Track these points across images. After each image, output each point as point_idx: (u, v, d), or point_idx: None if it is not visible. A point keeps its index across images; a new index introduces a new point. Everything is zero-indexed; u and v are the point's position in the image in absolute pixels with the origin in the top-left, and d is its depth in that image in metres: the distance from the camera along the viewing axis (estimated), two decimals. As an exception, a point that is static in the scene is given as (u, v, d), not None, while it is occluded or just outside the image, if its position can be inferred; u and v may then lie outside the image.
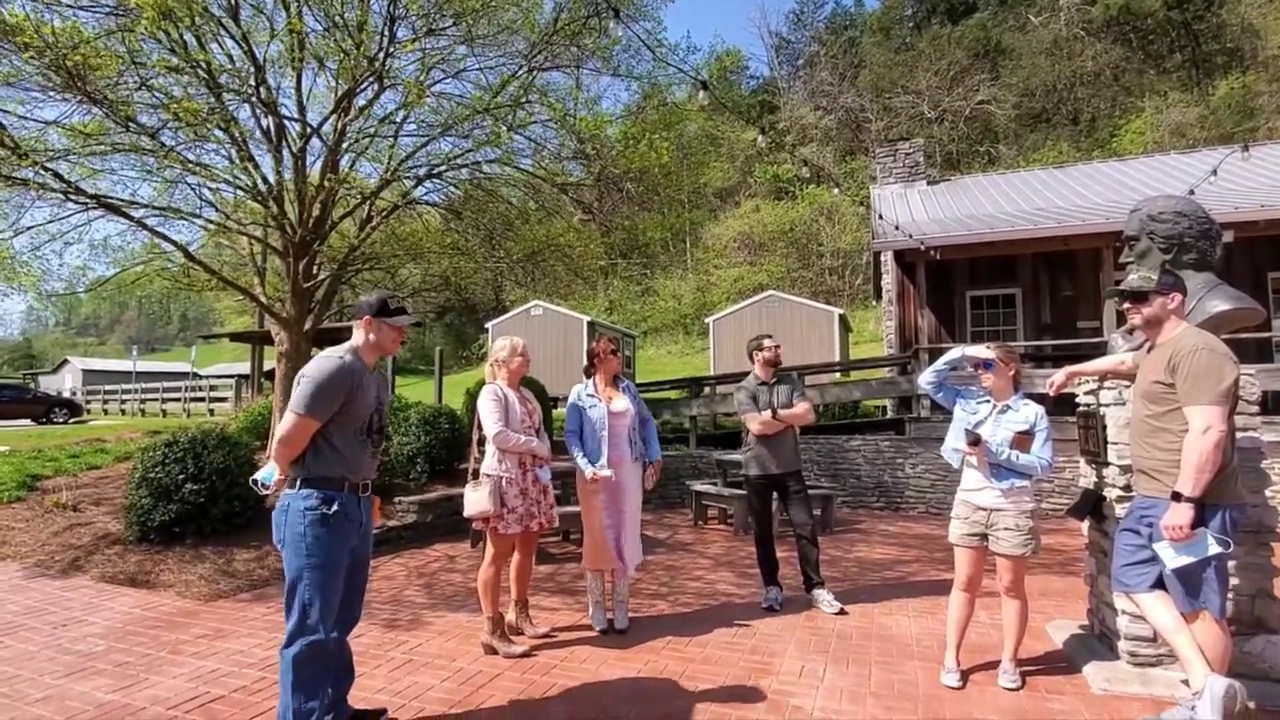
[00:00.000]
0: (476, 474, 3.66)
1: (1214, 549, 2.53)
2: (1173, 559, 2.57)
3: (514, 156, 9.17)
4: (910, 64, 42.70)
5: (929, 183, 14.41)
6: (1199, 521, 2.53)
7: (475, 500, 3.54)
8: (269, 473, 2.51)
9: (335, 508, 2.48)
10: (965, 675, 3.33)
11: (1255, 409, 3.22)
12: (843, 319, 21.03)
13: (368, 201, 9.33)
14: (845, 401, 11.75)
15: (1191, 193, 5.46)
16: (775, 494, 4.77)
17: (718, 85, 49.11)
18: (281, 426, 2.46)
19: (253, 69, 7.10)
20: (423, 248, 10.30)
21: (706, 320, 23.65)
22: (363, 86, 7.91)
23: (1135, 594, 2.79)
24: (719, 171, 44.53)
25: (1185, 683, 2.74)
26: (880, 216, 11.05)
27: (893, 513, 8.95)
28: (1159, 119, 33.87)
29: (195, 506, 5.67)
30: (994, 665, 3.40)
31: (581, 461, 3.96)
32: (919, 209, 12.45)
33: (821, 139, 43.39)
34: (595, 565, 4.08)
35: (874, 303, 24.25)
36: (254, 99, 7.28)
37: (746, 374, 4.93)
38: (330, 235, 9.98)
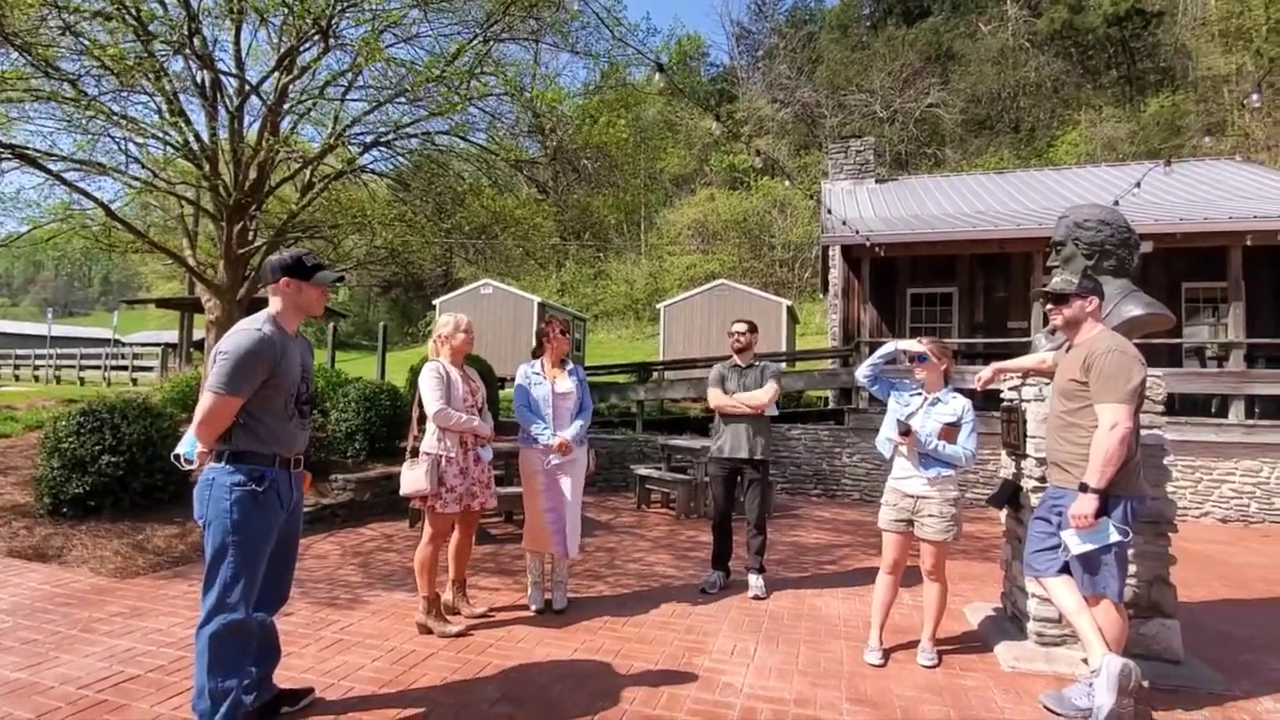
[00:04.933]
0: (416, 452, 3.59)
1: (1115, 537, 2.71)
2: (1077, 545, 2.75)
3: (467, 128, 8.95)
4: (865, 63, 43.47)
5: (877, 181, 14.77)
6: (1102, 511, 2.71)
7: (412, 479, 3.48)
8: (190, 447, 2.40)
9: (265, 485, 2.39)
10: (887, 654, 3.48)
11: (1160, 409, 3.45)
12: (790, 310, 21.46)
13: (309, 167, 8.96)
14: (789, 391, 12.01)
15: (1116, 203, 5.77)
16: (738, 479, 4.73)
17: (676, 70, 49.02)
18: (201, 406, 2.33)
19: (185, 17, 6.69)
20: (368, 218, 9.98)
21: (658, 306, 23.74)
22: (307, 45, 7.56)
23: (1044, 578, 2.97)
24: (676, 158, 44.55)
25: (1085, 661, 2.94)
26: (829, 211, 11.28)
27: (829, 500, 9.25)
28: (1093, 132, 35.52)
29: (113, 479, 5.39)
30: (914, 644, 3.57)
31: (538, 429, 3.95)
32: (867, 206, 12.76)
33: (777, 132, 43.84)
34: (534, 547, 4.08)
35: (821, 296, 24.81)
36: (186, 49, 6.86)
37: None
38: (268, 200, 9.56)
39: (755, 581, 4.59)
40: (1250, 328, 9.18)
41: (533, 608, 4.04)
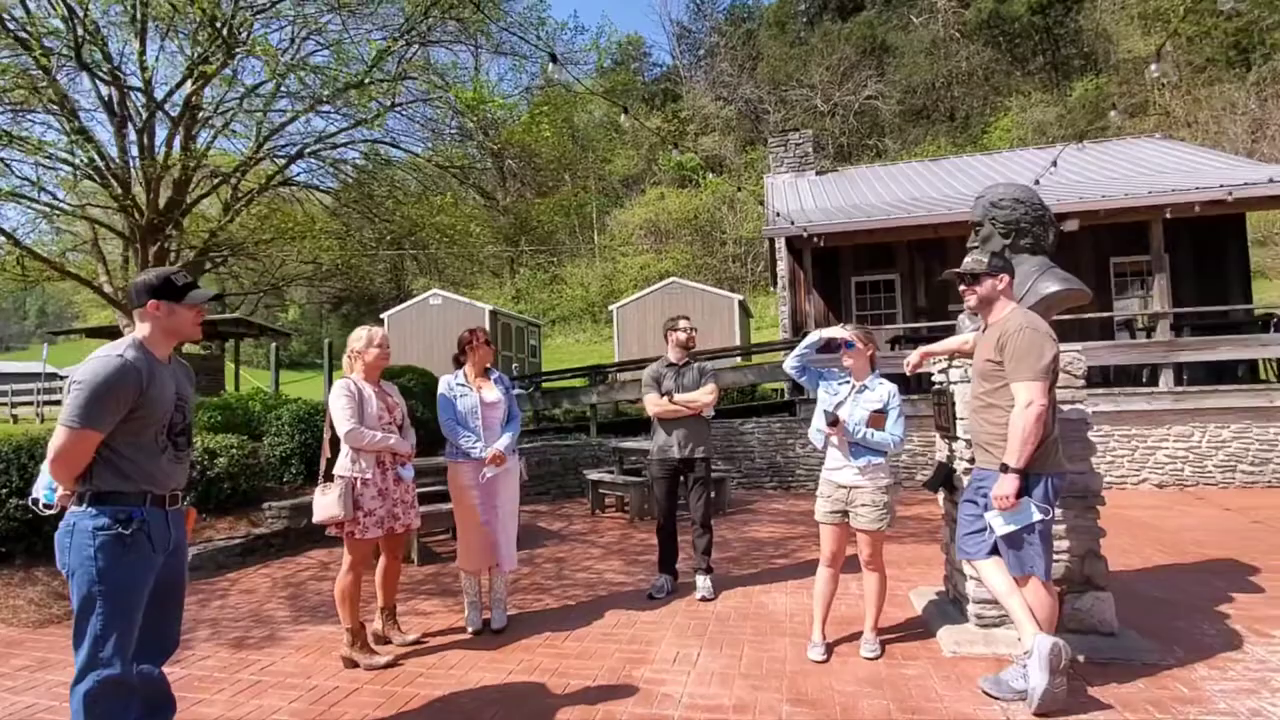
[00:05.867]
0: (329, 476, 3.39)
1: (1036, 516, 2.70)
2: (1001, 526, 2.73)
3: (393, 134, 8.71)
4: (804, 58, 44.19)
5: (818, 173, 14.93)
6: (1023, 491, 2.70)
7: (324, 505, 3.28)
8: (49, 489, 2.17)
9: (133, 527, 2.18)
10: (830, 648, 3.43)
11: (1081, 383, 3.48)
12: (743, 305, 21.59)
13: (228, 181, 8.58)
14: (741, 385, 12.03)
15: (1037, 183, 5.88)
16: (681, 480, 4.65)
17: (618, 69, 48.97)
18: (53, 442, 2.10)
19: (71, 26, 6.30)
20: (297, 232, 9.62)
21: (610, 308, 23.63)
22: (213, 55, 7.21)
23: (975, 561, 2.95)
24: (624, 159, 44.57)
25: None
26: (760, 204, 11.33)
27: (784, 491, 9.26)
28: (1023, 117, 36.76)
29: (23, 524, 5.03)
30: (859, 635, 3.51)
31: (468, 442, 3.79)
32: (808, 198, 12.87)
33: (723, 129, 44.19)
34: (470, 566, 3.92)
35: (773, 289, 25.07)
36: (76, 62, 6.48)
37: (650, 360, 4.87)
38: (189, 219, 9.14)
39: (702, 583, 4.51)
40: (1175, 298, 9.52)
41: (470, 629, 3.86)
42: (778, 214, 9.50)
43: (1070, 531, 3.40)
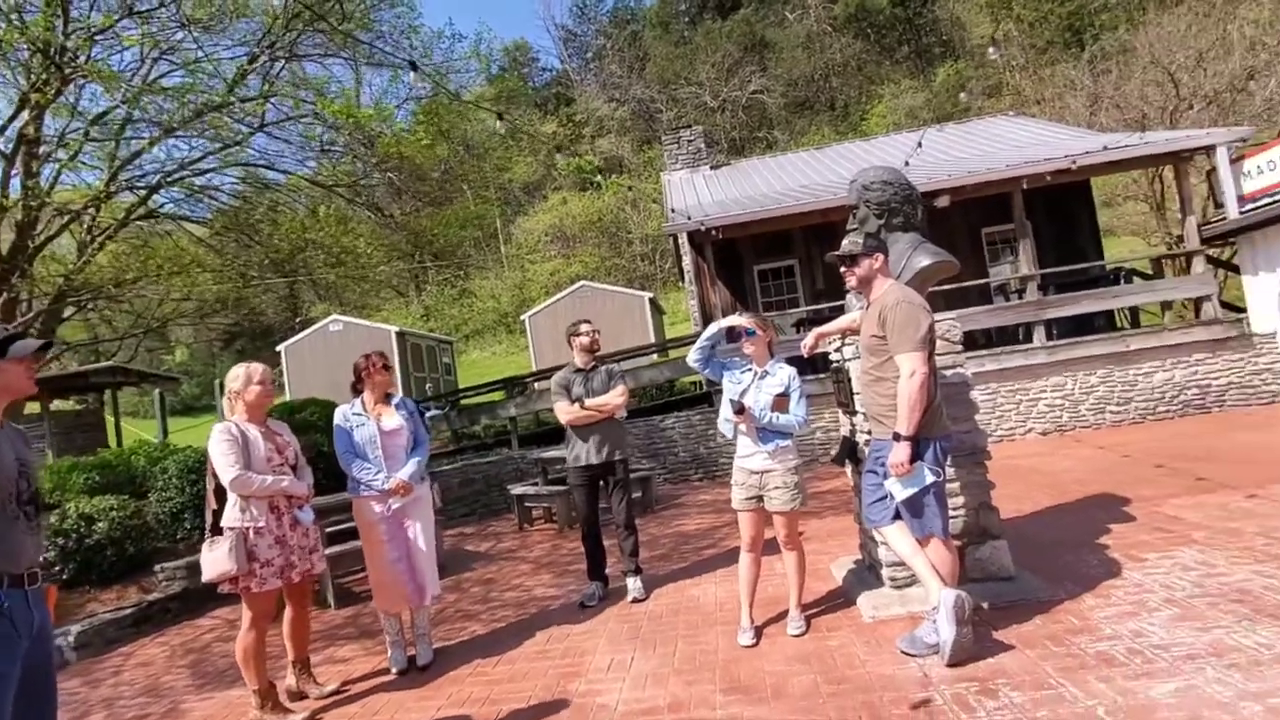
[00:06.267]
0: (217, 529, 3.14)
1: (930, 479, 2.86)
2: (900, 492, 2.88)
3: (268, 155, 8.21)
4: (690, 56, 45.13)
5: (712, 168, 15.27)
6: (916, 456, 2.85)
7: (213, 560, 3.03)
8: None
9: None
10: (759, 631, 3.50)
11: (959, 348, 3.71)
12: (653, 302, 21.81)
13: (80, 219, 7.82)
14: (659, 382, 12.14)
15: (907, 164, 6.24)
16: (601, 484, 4.62)
17: (509, 76, 48.42)
18: None
19: None
20: (168, 269, 8.90)
21: (523, 317, 23.31)
22: (47, 83, 6.55)
23: (881, 527, 3.09)
24: (523, 166, 44.06)
25: (931, 598, 3.08)
26: (654, 202, 11.48)
27: (710, 481, 9.41)
28: (895, 103, 39.06)
29: None
30: (786, 615, 3.61)
31: (368, 475, 3.60)
32: (704, 192, 13.14)
33: (618, 130, 44.48)
34: (387, 606, 3.74)
35: (681, 284, 25.46)
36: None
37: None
38: (36, 262, 8.27)
39: (633, 584, 4.50)
40: (1040, 261, 10.35)
41: (394, 670, 3.68)
42: (674, 210, 9.64)
43: (963, 488, 3.62)
